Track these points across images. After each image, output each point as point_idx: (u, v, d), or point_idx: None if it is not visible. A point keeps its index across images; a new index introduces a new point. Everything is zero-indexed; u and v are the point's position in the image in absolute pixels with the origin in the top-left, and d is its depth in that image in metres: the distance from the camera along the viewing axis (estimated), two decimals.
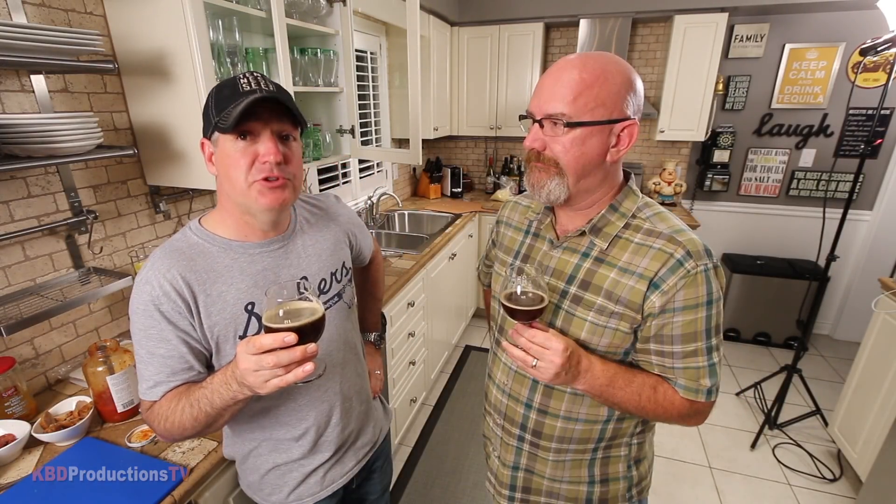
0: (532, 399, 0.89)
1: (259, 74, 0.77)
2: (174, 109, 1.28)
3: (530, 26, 3.14)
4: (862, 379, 2.02)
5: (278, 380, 0.65)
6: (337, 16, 1.81)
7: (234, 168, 0.75)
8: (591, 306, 0.80)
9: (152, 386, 0.78)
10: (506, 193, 3.52)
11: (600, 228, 0.81)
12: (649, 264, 0.75)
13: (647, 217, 0.81)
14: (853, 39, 2.84)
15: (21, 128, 0.96)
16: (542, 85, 0.76)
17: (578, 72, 0.72)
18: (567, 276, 0.83)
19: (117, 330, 1.41)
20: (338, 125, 1.95)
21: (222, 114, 0.73)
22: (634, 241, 0.79)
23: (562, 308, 0.83)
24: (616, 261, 0.79)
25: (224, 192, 0.81)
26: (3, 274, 1.13)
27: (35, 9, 1.12)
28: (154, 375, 0.77)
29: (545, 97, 0.74)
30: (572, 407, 0.86)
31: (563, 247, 0.85)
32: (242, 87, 0.74)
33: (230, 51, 1.42)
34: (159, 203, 1.47)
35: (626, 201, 0.82)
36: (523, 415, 0.91)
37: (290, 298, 0.69)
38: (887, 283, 1.92)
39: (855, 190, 2.10)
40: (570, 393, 0.85)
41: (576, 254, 0.83)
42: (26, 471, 0.96)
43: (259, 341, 0.64)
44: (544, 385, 0.87)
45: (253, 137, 0.75)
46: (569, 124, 0.72)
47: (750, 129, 3.19)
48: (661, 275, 0.74)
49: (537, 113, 0.75)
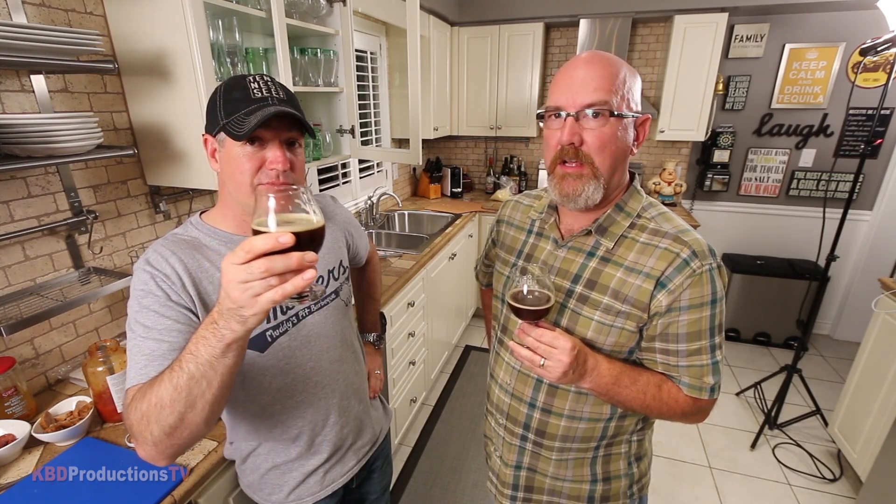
0: (536, 398, 0.89)
1: (269, 79, 0.78)
2: (174, 109, 1.28)
3: (530, 26, 3.14)
4: (862, 379, 2.02)
5: (272, 292, 0.51)
6: (337, 16, 1.81)
7: (240, 172, 0.75)
8: (598, 305, 0.80)
9: (144, 366, 0.68)
10: (506, 193, 3.52)
11: (606, 228, 0.81)
12: (656, 263, 0.76)
13: (653, 217, 0.81)
14: (853, 39, 2.84)
15: (21, 128, 0.96)
16: (573, 77, 0.73)
17: (608, 63, 0.73)
18: (573, 276, 0.83)
19: (117, 330, 1.41)
20: (338, 125, 1.95)
21: (232, 118, 0.73)
22: (640, 241, 0.79)
23: (567, 307, 0.83)
24: (622, 260, 0.79)
25: (227, 189, 0.81)
26: (3, 274, 1.13)
27: (35, 9, 1.12)
28: (148, 353, 0.68)
29: (578, 87, 0.72)
30: (576, 406, 0.86)
31: (568, 246, 0.85)
32: (253, 92, 0.74)
33: (230, 51, 1.42)
34: (159, 203, 1.47)
35: (632, 201, 0.83)
36: (527, 414, 0.91)
37: (283, 211, 0.55)
38: (887, 283, 1.92)
39: (855, 190, 2.10)
40: (574, 392, 0.85)
41: (581, 253, 0.83)
42: (26, 471, 0.96)
43: (248, 244, 0.51)
44: (549, 384, 0.87)
45: (262, 143, 0.75)
46: (611, 114, 0.72)
47: (750, 129, 3.19)
48: (668, 274, 0.75)
49: (571, 105, 0.73)
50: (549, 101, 0.77)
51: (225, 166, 0.78)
